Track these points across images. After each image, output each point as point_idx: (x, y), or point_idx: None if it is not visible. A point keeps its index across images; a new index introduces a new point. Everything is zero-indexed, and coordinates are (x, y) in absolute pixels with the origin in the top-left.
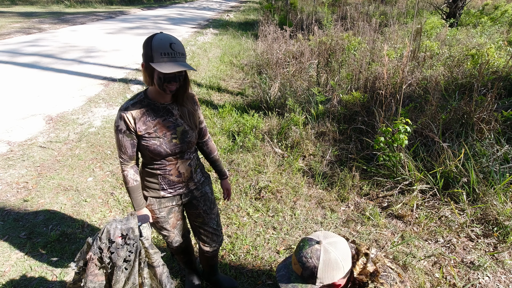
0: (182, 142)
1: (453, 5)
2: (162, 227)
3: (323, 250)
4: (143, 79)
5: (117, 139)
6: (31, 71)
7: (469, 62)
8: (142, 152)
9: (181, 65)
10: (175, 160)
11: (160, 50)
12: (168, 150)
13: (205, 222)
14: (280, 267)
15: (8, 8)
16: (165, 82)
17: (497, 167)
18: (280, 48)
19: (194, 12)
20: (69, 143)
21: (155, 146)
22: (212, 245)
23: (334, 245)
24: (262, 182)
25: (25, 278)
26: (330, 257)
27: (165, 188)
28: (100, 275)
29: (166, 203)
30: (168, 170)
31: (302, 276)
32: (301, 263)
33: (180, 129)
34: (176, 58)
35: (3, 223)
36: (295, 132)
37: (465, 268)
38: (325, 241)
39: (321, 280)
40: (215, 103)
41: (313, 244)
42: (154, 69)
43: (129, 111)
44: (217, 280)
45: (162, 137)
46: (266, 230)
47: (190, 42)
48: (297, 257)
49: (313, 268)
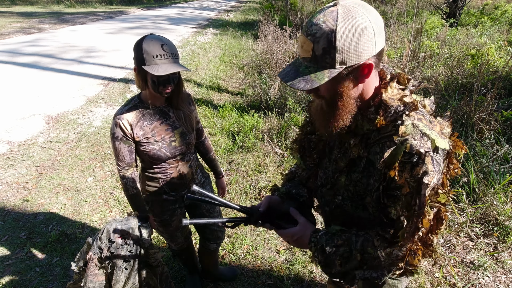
0: (182, 144)
1: (453, 5)
2: (165, 230)
3: (342, 11)
4: (136, 83)
5: (113, 146)
6: (31, 71)
7: (469, 62)
8: (141, 157)
9: (174, 66)
10: (176, 163)
11: (152, 53)
12: (168, 153)
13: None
14: (283, 69)
15: (8, 8)
16: (159, 85)
17: (497, 167)
18: (280, 48)
19: (194, 12)
20: (69, 143)
21: (154, 151)
22: (217, 241)
23: (357, 4)
24: (262, 182)
25: (25, 278)
26: (353, 17)
27: (167, 192)
28: (100, 275)
29: (168, 206)
30: (169, 174)
31: (314, 58)
32: (311, 35)
33: (178, 131)
34: (169, 60)
35: (3, 223)
36: (295, 132)
37: (465, 268)
38: (344, 1)
39: (342, 56)
40: (215, 103)
41: (326, 8)
42: (147, 73)
43: (125, 117)
44: (220, 273)
45: (161, 141)
46: (266, 230)
47: (190, 42)
48: (305, 32)
49: (329, 34)
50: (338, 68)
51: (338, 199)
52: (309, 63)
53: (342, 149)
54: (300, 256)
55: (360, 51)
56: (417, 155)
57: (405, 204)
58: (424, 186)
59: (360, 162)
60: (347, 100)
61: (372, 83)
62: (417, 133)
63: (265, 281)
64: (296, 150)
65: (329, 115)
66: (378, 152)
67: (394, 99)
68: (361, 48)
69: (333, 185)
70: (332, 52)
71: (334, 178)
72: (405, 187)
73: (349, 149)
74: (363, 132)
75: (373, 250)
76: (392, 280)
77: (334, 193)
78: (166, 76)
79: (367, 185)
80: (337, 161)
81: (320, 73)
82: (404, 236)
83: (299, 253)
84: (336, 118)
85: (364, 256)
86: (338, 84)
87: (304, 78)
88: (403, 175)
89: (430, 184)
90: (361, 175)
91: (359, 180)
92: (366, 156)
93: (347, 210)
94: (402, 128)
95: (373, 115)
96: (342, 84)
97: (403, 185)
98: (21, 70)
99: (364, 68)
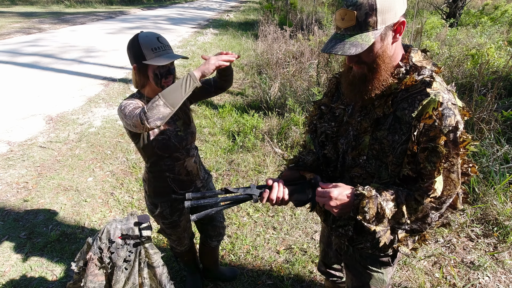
0: (186, 133)
1: (453, 5)
2: (174, 231)
3: None
4: (134, 82)
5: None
6: (31, 71)
7: (469, 62)
8: (149, 153)
9: (174, 55)
10: (182, 159)
11: (150, 46)
12: (176, 143)
13: (213, 218)
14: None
15: (8, 8)
16: (162, 77)
17: (497, 167)
18: (280, 48)
19: (194, 12)
20: (69, 143)
21: (164, 141)
22: (219, 238)
23: None
24: (262, 182)
25: (25, 278)
26: None
27: (176, 191)
28: (100, 275)
29: (177, 205)
30: (177, 170)
31: (358, 25)
32: (352, 4)
33: (180, 123)
34: (166, 51)
35: (3, 223)
36: (295, 132)
37: (465, 268)
38: None
39: (382, 17)
40: (215, 103)
41: None
42: (148, 68)
43: (135, 101)
44: (220, 273)
45: (167, 132)
46: (266, 230)
47: (190, 42)
48: (344, 5)
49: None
50: (380, 29)
51: (363, 159)
52: (353, 32)
53: (363, 112)
54: (300, 256)
55: (395, 10)
56: (449, 108)
57: (442, 153)
58: (458, 134)
59: (385, 120)
60: (387, 59)
61: (399, 47)
62: (445, 89)
63: (265, 281)
64: (308, 131)
65: (369, 79)
66: (406, 107)
67: (422, 62)
68: (396, 7)
69: (354, 147)
70: (374, 14)
71: (357, 141)
72: (440, 137)
73: (372, 110)
74: (390, 92)
75: (416, 204)
76: (377, 273)
77: (359, 153)
78: (167, 67)
79: (392, 141)
80: (361, 122)
81: (365, 35)
82: (442, 184)
83: (299, 253)
84: (377, 79)
85: (409, 208)
86: (379, 44)
87: (352, 44)
88: (437, 124)
89: (459, 130)
90: (387, 132)
91: (385, 137)
92: (393, 113)
93: (370, 171)
94: (435, 84)
95: (403, 74)
96: (382, 44)
97: (438, 135)
98: (21, 70)
99: (400, 26)
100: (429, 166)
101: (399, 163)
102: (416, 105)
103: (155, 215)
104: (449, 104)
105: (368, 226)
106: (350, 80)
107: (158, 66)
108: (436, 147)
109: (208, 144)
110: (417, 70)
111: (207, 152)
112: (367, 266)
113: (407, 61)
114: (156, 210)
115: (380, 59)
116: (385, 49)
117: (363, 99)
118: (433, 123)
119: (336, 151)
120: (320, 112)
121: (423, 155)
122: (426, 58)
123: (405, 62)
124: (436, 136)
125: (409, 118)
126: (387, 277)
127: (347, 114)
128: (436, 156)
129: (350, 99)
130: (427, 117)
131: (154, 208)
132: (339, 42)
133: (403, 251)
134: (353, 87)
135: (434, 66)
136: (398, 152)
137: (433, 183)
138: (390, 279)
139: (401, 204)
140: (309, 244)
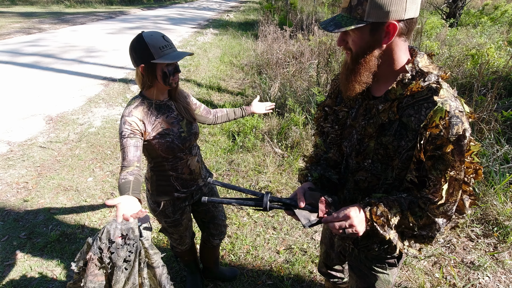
0: (190, 134)
1: (453, 5)
2: (176, 230)
3: None
4: (140, 83)
5: (121, 145)
6: (31, 71)
7: (469, 62)
8: (154, 154)
9: (181, 53)
10: (186, 158)
11: (157, 45)
12: (180, 144)
13: (215, 216)
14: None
15: (8, 8)
16: (170, 75)
17: (497, 167)
18: (280, 48)
19: (194, 12)
20: (69, 143)
21: (168, 143)
22: (221, 236)
23: None
24: (262, 182)
25: (25, 278)
26: None
27: (178, 189)
28: (100, 275)
29: (179, 204)
30: (180, 169)
31: (349, 8)
32: None
33: (184, 123)
34: (173, 48)
35: (3, 223)
36: (295, 132)
37: (465, 268)
38: None
39: (372, 11)
40: (215, 103)
41: None
42: (156, 67)
43: (134, 115)
44: (220, 272)
45: (171, 133)
46: (266, 230)
47: (190, 42)
48: None
49: None
50: (366, 22)
51: (368, 163)
52: (344, 13)
53: (367, 116)
54: (300, 256)
55: (388, 9)
56: (456, 116)
57: (449, 161)
58: (464, 143)
59: (390, 126)
60: (369, 57)
61: (401, 51)
62: (452, 96)
63: (265, 281)
64: (317, 133)
65: (351, 71)
66: (412, 114)
67: (428, 67)
68: (390, 7)
69: (359, 152)
70: (365, 4)
71: (361, 145)
72: (447, 146)
73: (377, 115)
74: (395, 97)
75: (420, 211)
76: (383, 274)
77: (364, 157)
78: (174, 65)
79: (397, 147)
80: (365, 127)
81: (349, 21)
82: (447, 191)
83: (299, 253)
84: (356, 73)
85: (414, 216)
86: (364, 38)
87: (335, 24)
88: (444, 133)
89: (467, 138)
90: (393, 138)
91: (390, 143)
92: (398, 119)
93: (376, 174)
94: (442, 91)
95: (409, 80)
96: (367, 39)
97: (445, 144)
98: (21, 70)
99: (388, 27)
100: (435, 173)
101: (405, 167)
102: (422, 113)
103: (157, 214)
104: (456, 112)
105: (383, 234)
106: (342, 69)
107: (167, 64)
108: (443, 155)
109: (208, 144)
110: (423, 75)
111: (207, 152)
112: (373, 267)
113: (413, 66)
114: (159, 208)
115: (362, 54)
116: (369, 46)
117: (350, 95)
118: (439, 132)
119: (341, 153)
120: (325, 113)
121: (430, 162)
122: (432, 62)
123: (411, 67)
124: (443, 144)
125: (416, 126)
126: (393, 278)
127: (350, 117)
128: (443, 164)
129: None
130: (434, 126)
131: (156, 206)
132: (330, 20)
133: (411, 253)
134: (342, 77)
135: (440, 71)
136: (404, 157)
137: (439, 190)
138: (395, 279)
139: (405, 211)
140: (309, 244)
